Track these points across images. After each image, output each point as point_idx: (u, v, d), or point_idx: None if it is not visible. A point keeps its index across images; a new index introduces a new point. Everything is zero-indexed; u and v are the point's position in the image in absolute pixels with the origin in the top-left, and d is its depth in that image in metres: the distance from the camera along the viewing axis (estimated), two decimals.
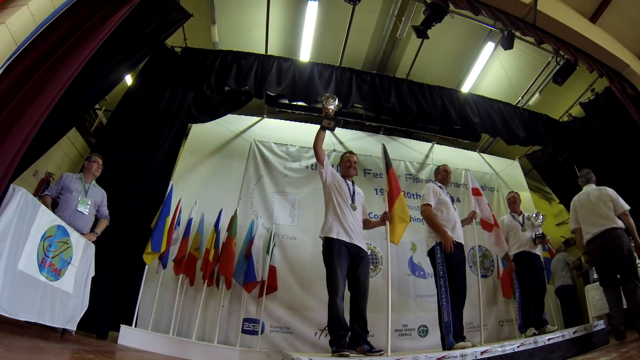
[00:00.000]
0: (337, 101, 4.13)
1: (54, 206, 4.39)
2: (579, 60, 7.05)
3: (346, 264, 3.91)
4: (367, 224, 4.48)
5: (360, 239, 4.13)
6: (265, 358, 5.46)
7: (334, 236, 3.94)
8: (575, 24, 7.10)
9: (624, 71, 7.57)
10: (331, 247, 3.92)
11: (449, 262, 4.36)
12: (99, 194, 4.85)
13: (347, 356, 3.42)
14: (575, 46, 7.20)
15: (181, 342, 5.35)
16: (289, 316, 6.13)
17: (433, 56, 8.23)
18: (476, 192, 5.52)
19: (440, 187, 4.93)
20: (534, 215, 5.88)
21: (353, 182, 4.44)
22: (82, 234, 4.41)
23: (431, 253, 4.57)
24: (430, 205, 4.65)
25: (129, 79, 7.01)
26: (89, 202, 4.62)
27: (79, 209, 4.48)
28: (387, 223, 4.21)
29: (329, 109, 4.04)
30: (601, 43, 7.26)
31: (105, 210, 4.88)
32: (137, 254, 5.50)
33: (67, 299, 3.90)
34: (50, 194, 4.45)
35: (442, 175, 5.10)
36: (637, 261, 5.00)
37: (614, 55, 7.38)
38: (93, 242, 4.52)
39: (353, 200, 4.22)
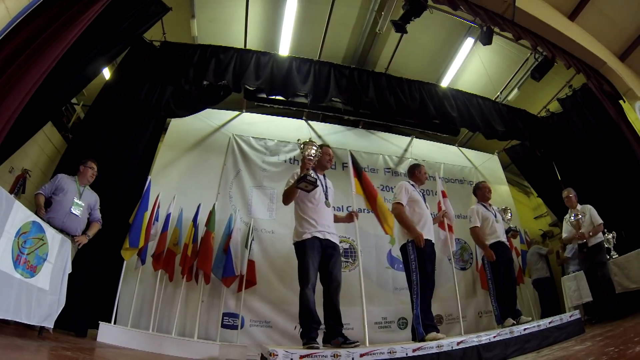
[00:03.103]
0: (317, 147, 4.03)
1: (46, 206, 4.39)
2: (557, 57, 7.17)
3: (318, 257, 3.94)
4: (335, 218, 4.51)
5: (333, 234, 4.19)
6: (245, 352, 5.45)
7: (307, 237, 3.99)
8: (554, 21, 7.23)
9: (601, 68, 7.76)
10: (304, 243, 3.97)
11: (421, 257, 4.48)
12: (93, 198, 4.91)
13: (317, 348, 3.45)
14: (553, 43, 7.33)
15: (161, 338, 5.31)
16: (268, 310, 6.14)
17: (413, 51, 8.26)
18: (444, 195, 5.62)
19: (412, 185, 5.03)
20: (502, 209, 5.97)
21: (325, 176, 4.47)
22: (74, 236, 4.47)
23: (403, 249, 4.68)
24: (401, 204, 4.73)
25: (107, 73, 6.92)
26: (83, 205, 4.66)
27: (73, 211, 4.53)
28: (355, 220, 4.43)
29: (308, 156, 3.92)
30: (579, 40, 7.42)
31: (98, 214, 4.94)
32: (115, 250, 5.43)
33: (43, 296, 3.83)
34: (43, 193, 4.48)
35: (418, 177, 5.18)
36: None
37: (591, 52, 7.54)
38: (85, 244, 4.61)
39: (327, 197, 4.25)
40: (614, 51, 7.96)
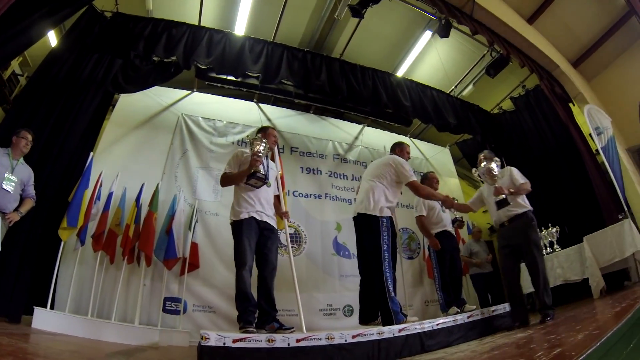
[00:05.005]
0: (265, 143, 4.01)
1: None
2: (512, 55, 7.39)
3: (255, 238, 3.92)
4: (275, 200, 4.48)
5: (271, 215, 4.17)
6: (188, 338, 5.34)
7: (245, 217, 3.94)
8: (512, 21, 7.44)
9: (554, 71, 8.10)
10: (241, 222, 3.93)
11: (393, 235, 4.32)
12: (27, 173, 4.58)
13: (253, 332, 3.40)
14: (510, 42, 7.53)
15: (100, 324, 5.07)
16: (212, 295, 6.01)
17: (371, 40, 8.24)
18: None
19: None
20: None
21: (267, 156, 4.39)
22: (5, 213, 4.18)
23: (374, 221, 4.22)
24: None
25: (54, 41, 6.57)
26: (16, 180, 4.35)
27: (4, 187, 4.21)
28: (285, 220, 4.53)
29: (258, 153, 3.92)
30: (535, 42, 7.69)
31: (31, 190, 4.61)
32: (53, 230, 5.14)
33: None
34: None
35: (401, 155, 5.04)
36: None
37: (546, 55, 7.83)
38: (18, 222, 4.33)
39: (267, 177, 4.14)
40: (568, 58, 8.33)
